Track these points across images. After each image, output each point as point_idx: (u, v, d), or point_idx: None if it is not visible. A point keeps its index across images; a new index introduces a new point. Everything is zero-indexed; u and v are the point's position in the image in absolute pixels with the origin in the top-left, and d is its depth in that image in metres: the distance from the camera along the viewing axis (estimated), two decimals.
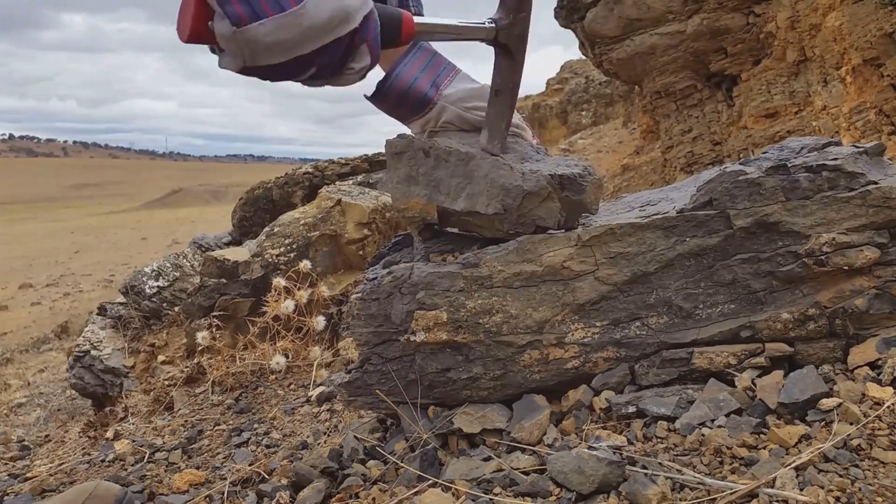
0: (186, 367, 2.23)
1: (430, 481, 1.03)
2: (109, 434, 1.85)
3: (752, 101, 7.31)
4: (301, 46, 0.91)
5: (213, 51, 0.95)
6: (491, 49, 1.15)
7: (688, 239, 1.12)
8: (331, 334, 2.23)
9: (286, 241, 2.52)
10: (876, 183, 1.08)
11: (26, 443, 2.66)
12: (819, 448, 0.89)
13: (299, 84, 1.02)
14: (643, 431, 1.04)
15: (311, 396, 1.79)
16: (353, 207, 2.58)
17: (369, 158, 4.56)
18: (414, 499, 0.99)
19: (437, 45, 1.25)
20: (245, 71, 0.94)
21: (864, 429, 0.91)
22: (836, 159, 1.10)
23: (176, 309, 3.18)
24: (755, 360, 1.09)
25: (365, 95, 1.21)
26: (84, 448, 2.05)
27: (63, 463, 1.63)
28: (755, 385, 1.05)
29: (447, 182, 1.20)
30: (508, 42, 1.13)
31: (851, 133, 4.83)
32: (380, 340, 1.22)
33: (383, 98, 1.21)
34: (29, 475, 1.59)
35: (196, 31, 0.90)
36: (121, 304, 3.54)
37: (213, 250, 3.25)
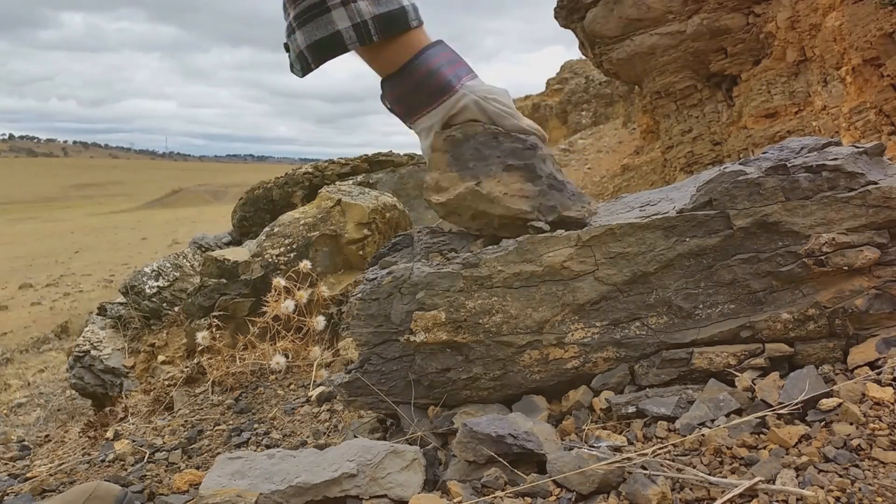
0: (186, 367, 2.23)
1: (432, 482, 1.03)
2: (109, 434, 1.85)
3: (752, 101, 7.32)
4: None
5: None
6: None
7: (688, 239, 1.12)
8: (331, 334, 2.23)
9: (286, 241, 2.52)
10: (876, 183, 1.08)
11: (26, 443, 2.66)
12: (819, 448, 0.89)
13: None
14: (643, 431, 1.04)
15: (311, 396, 1.79)
16: (353, 207, 2.58)
17: (369, 158, 4.56)
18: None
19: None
20: None
21: (864, 429, 0.91)
22: (836, 159, 1.10)
23: (176, 309, 3.18)
24: (755, 360, 1.09)
25: (384, 80, 1.21)
26: (84, 448, 2.05)
27: (63, 463, 1.63)
28: (755, 385, 1.05)
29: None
30: None
31: (851, 133, 4.83)
32: (380, 340, 1.22)
33: (406, 77, 1.19)
34: (29, 475, 1.59)
35: None
36: (121, 304, 3.54)
37: (213, 250, 3.25)
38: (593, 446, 0.98)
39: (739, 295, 1.11)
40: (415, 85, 1.19)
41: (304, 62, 1.18)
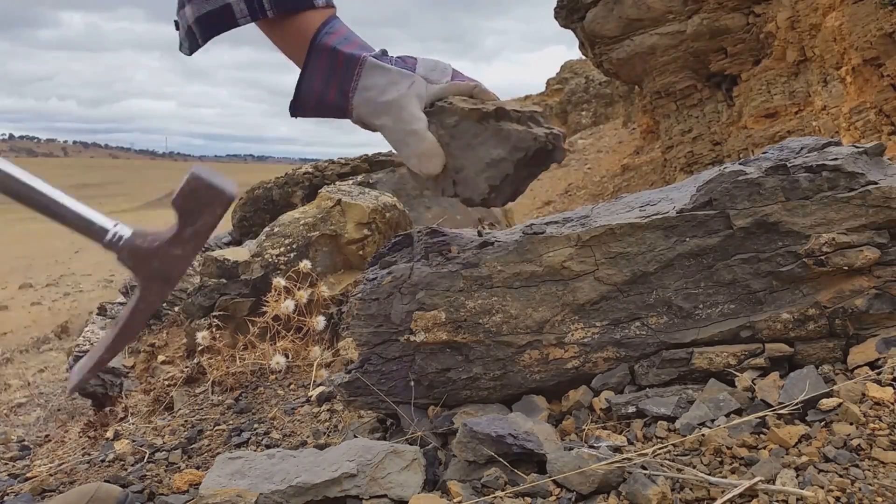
0: (186, 367, 2.23)
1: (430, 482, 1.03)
2: (109, 434, 1.85)
3: (752, 101, 7.32)
4: None
5: None
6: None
7: (688, 239, 1.12)
8: (331, 334, 2.23)
9: (286, 241, 2.52)
10: (876, 183, 1.08)
11: (26, 443, 2.66)
12: (819, 448, 0.89)
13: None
14: (643, 431, 1.04)
15: (311, 396, 1.79)
16: (353, 207, 2.58)
17: (369, 158, 4.56)
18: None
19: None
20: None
21: (864, 429, 0.91)
22: (836, 159, 1.10)
23: (176, 309, 3.17)
24: (755, 360, 1.09)
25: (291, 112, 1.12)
26: (84, 448, 2.05)
27: (63, 463, 1.63)
28: (755, 385, 1.05)
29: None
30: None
31: (851, 133, 4.82)
32: (380, 340, 1.22)
33: (303, 112, 1.12)
34: (29, 475, 1.59)
35: None
36: (121, 304, 3.54)
37: (213, 250, 3.25)
38: (593, 446, 0.98)
39: (739, 295, 1.11)
40: (316, 111, 1.10)
41: (193, 38, 1.09)
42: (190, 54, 1.13)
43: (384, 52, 1.11)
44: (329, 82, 1.07)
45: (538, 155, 1.11)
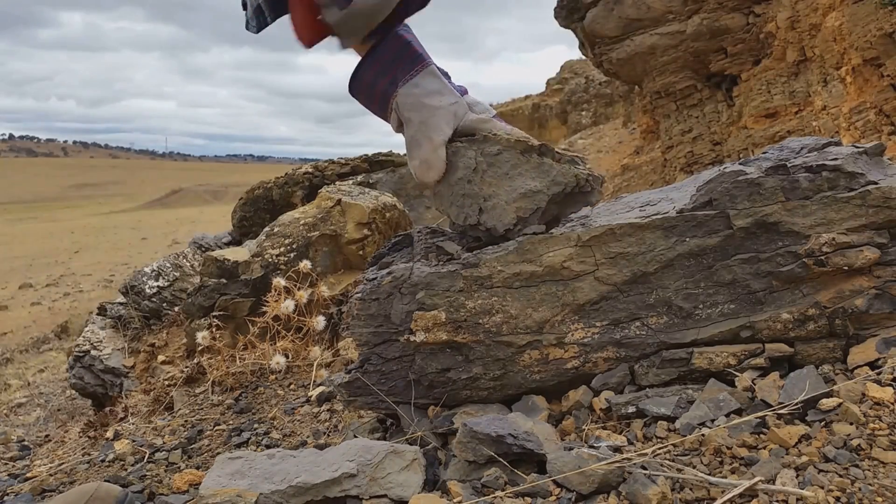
0: (186, 367, 2.23)
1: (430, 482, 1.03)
2: (109, 434, 1.85)
3: (752, 101, 7.32)
4: None
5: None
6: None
7: (688, 239, 1.12)
8: (331, 334, 2.23)
9: (286, 241, 2.52)
10: (876, 183, 1.08)
11: (26, 443, 2.66)
12: (819, 448, 0.89)
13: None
14: (643, 431, 1.04)
15: (311, 396, 1.79)
16: (353, 207, 2.57)
17: (369, 158, 4.56)
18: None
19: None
20: (366, 38, 1.03)
21: (864, 429, 0.91)
22: (836, 159, 1.10)
23: (176, 309, 3.17)
24: (755, 360, 1.09)
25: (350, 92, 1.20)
26: (84, 448, 2.05)
27: (63, 463, 1.63)
28: (755, 385, 1.05)
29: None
30: None
31: (851, 133, 4.82)
32: (380, 340, 1.22)
33: (357, 90, 1.20)
34: (29, 475, 1.59)
35: (312, 33, 0.98)
36: (121, 304, 3.54)
37: (213, 250, 3.25)
38: (593, 446, 0.98)
39: (739, 295, 1.11)
40: (366, 98, 1.19)
41: (261, 17, 1.16)
42: (257, 32, 1.19)
43: (446, 74, 1.20)
44: (386, 71, 1.16)
45: (574, 194, 1.17)
